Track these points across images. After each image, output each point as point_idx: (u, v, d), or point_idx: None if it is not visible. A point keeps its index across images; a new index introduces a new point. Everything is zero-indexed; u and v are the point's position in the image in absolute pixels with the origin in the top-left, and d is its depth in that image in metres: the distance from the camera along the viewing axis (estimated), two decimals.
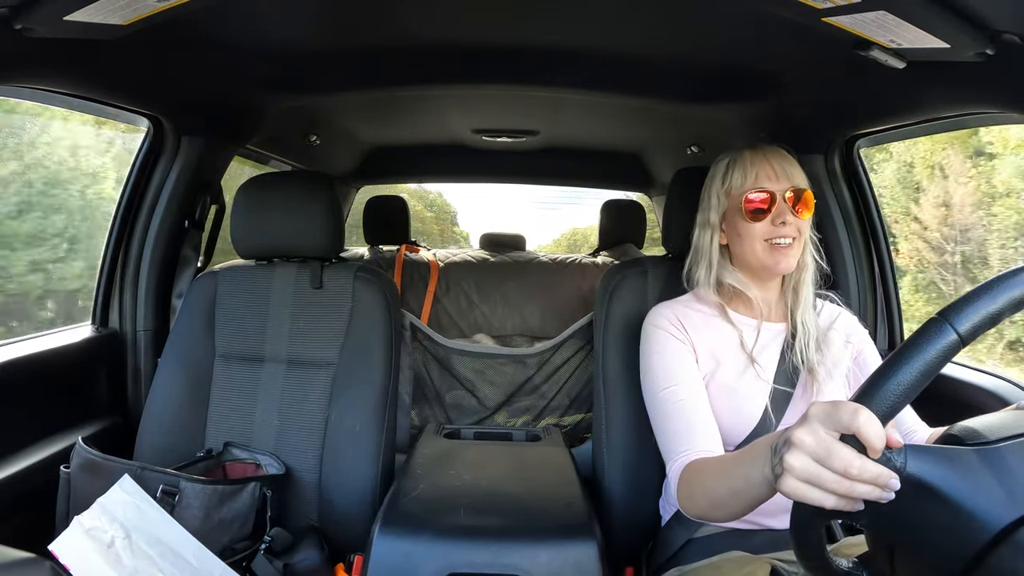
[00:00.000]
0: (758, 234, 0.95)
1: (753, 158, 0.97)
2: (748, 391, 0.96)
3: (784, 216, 0.94)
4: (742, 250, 0.98)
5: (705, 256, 1.02)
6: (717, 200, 1.00)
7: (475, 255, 2.20)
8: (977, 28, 0.73)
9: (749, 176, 0.96)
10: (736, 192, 0.97)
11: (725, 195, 0.99)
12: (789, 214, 0.94)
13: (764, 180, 0.95)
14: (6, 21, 0.77)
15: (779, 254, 0.94)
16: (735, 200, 0.97)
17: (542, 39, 1.22)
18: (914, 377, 0.51)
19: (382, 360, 1.24)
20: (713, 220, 1.01)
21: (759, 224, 0.95)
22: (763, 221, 0.94)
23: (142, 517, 0.91)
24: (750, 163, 0.97)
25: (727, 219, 1.00)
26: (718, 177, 1.01)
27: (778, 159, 0.96)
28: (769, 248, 0.95)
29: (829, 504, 0.51)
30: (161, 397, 1.24)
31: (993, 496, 0.49)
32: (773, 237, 0.94)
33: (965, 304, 0.51)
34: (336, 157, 2.35)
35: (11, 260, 1.98)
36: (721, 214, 1.00)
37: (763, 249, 0.95)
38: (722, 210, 1.00)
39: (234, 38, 1.14)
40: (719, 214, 1.00)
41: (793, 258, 0.95)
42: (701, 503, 0.80)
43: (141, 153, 1.41)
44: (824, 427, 0.52)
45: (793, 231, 0.94)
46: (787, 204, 0.94)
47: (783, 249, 0.94)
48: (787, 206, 0.94)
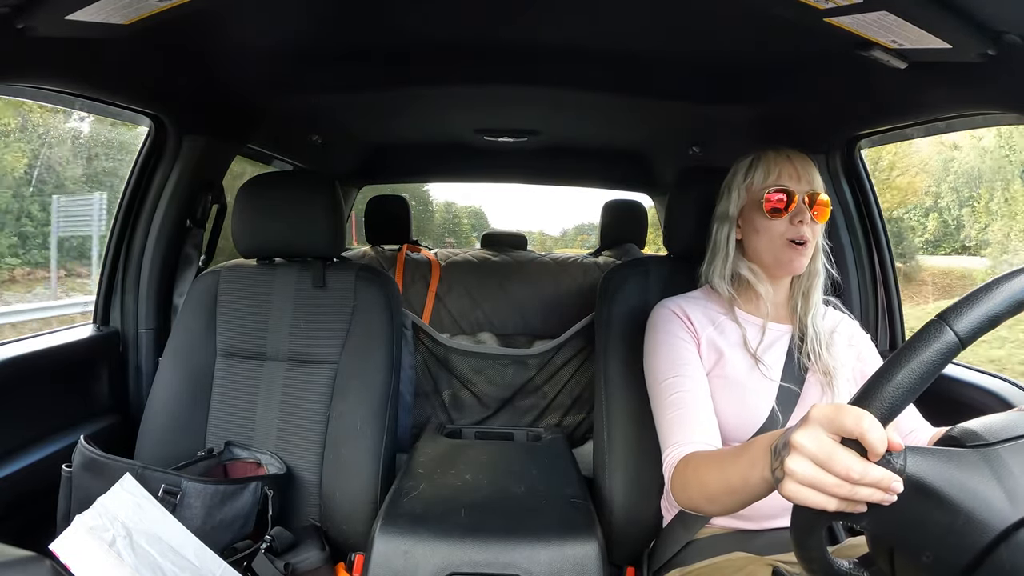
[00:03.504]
0: (776, 231, 0.97)
1: (776, 157, 0.99)
2: (755, 388, 0.96)
3: (802, 215, 0.95)
4: (758, 246, 0.99)
5: (722, 249, 1.04)
6: (737, 195, 1.02)
7: (476, 254, 2.20)
8: (979, 29, 0.73)
9: (772, 174, 0.98)
10: (757, 188, 0.99)
11: (746, 190, 1.01)
12: (807, 214, 0.95)
13: (785, 179, 0.97)
14: (8, 20, 0.77)
15: (794, 252, 0.96)
16: (755, 195, 0.99)
17: (544, 39, 1.22)
18: (913, 380, 0.51)
19: (384, 359, 1.24)
20: (732, 214, 1.02)
21: (778, 221, 0.96)
22: (781, 219, 0.96)
23: (143, 516, 0.91)
24: (773, 162, 0.98)
25: (745, 215, 1.01)
26: (740, 173, 1.02)
27: (800, 161, 0.98)
28: (785, 246, 0.96)
29: (831, 507, 0.51)
30: (162, 396, 1.24)
31: (993, 498, 0.49)
32: (792, 235, 0.96)
33: (964, 306, 0.51)
34: (338, 157, 2.35)
35: None
36: (739, 209, 1.02)
37: (780, 246, 0.97)
38: (741, 205, 1.02)
39: (236, 38, 1.14)
40: (738, 209, 1.02)
41: (806, 259, 0.97)
42: (695, 496, 0.81)
43: (143, 152, 1.41)
44: (826, 431, 0.52)
45: (808, 234, 0.96)
46: (805, 205, 0.96)
47: (798, 248, 0.96)
48: (805, 207, 0.96)
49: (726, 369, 0.97)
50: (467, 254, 2.19)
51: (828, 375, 0.97)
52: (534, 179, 2.74)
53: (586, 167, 2.45)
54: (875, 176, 1.40)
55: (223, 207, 1.60)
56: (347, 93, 1.53)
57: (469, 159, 2.37)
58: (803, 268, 0.97)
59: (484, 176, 2.71)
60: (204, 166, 1.47)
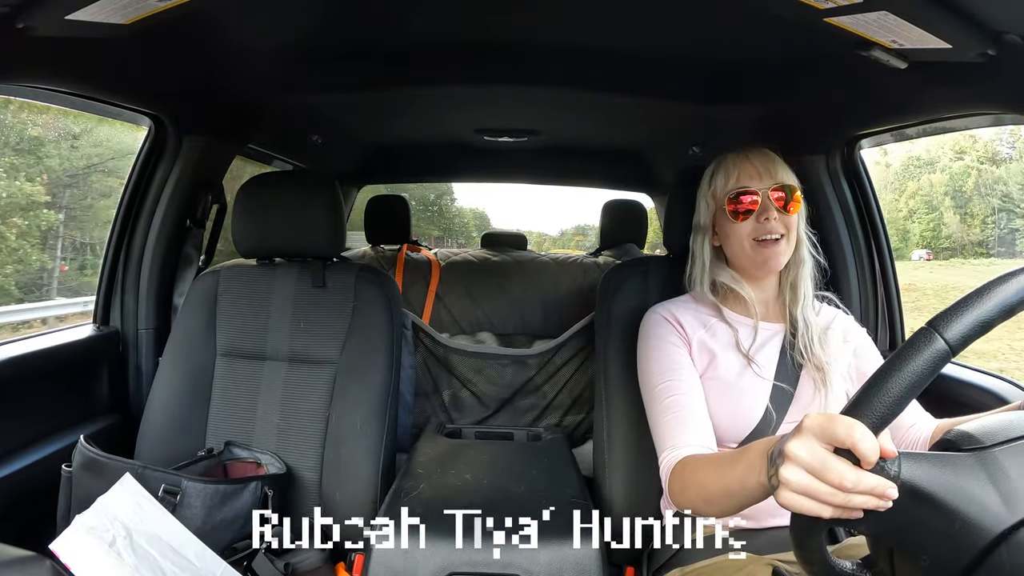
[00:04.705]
0: (744, 233, 0.97)
1: (735, 159, 0.99)
2: (748, 389, 0.96)
3: (768, 213, 0.95)
4: (732, 250, 1.00)
5: (699, 258, 1.05)
6: (706, 204, 1.03)
7: (476, 254, 2.20)
8: (979, 28, 0.73)
9: (731, 177, 0.98)
10: (720, 194, 1.00)
11: (712, 198, 1.02)
12: (773, 210, 0.95)
13: (746, 180, 0.97)
14: (8, 20, 0.77)
15: (767, 251, 0.96)
16: (720, 202, 1.00)
17: (544, 39, 1.22)
18: (904, 389, 0.51)
19: (384, 359, 1.24)
20: (704, 223, 1.04)
21: (744, 223, 0.97)
22: (748, 220, 0.97)
23: (143, 516, 0.91)
24: (732, 165, 0.99)
25: (717, 221, 1.02)
26: (705, 181, 1.03)
27: (760, 158, 0.98)
28: (757, 246, 0.97)
29: (827, 515, 0.52)
30: (162, 396, 1.24)
31: (989, 501, 0.49)
32: (760, 235, 0.96)
33: (954, 313, 0.51)
34: (338, 157, 2.35)
35: None
36: (711, 217, 1.03)
37: (751, 247, 0.97)
38: (711, 212, 1.02)
39: (235, 37, 1.14)
40: (709, 217, 1.03)
41: (782, 255, 0.97)
42: (693, 498, 0.81)
43: (143, 152, 1.41)
44: (819, 440, 0.52)
45: (780, 227, 0.96)
46: (771, 201, 0.96)
47: (770, 245, 0.96)
48: (771, 203, 0.95)
49: (719, 371, 0.97)
50: (467, 254, 2.19)
51: (821, 370, 0.96)
52: (534, 179, 2.74)
53: (586, 167, 2.45)
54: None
55: (223, 207, 1.60)
56: (347, 93, 1.53)
57: (469, 159, 2.36)
58: (781, 264, 0.97)
59: (484, 176, 2.71)
60: (204, 166, 1.46)
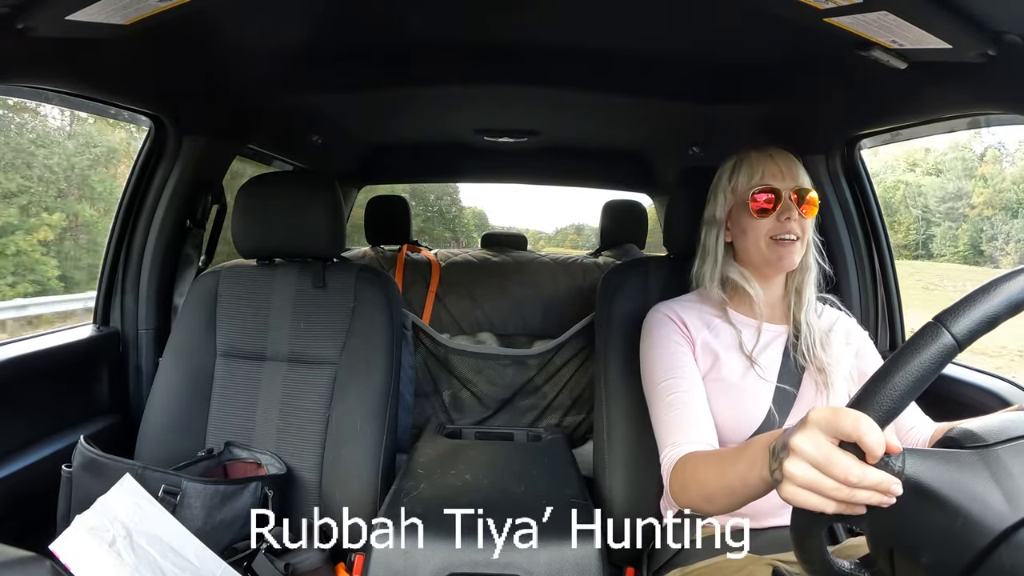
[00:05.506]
0: (763, 230, 0.97)
1: (759, 157, 0.99)
2: (751, 390, 0.96)
3: (789, 212, 0.96)
4: (747, 246, 1.00)
5: (711, 253, 1.04)
6: (724, 198, 1.02)
7: (476, 255, 2.20)
8: (979, 29, 0.73)
9: (756, 174, 0.98)
10: (742, 189, 0.99)
11: (731, 192, 1.01)
12: (794, 211, 0.96)
13: (769, 178, 0.97)
14: (8, 20, 0.77)
15: (783, 249, 0.96)
16: (741, 197, 0.99)
17: (544, 39, 1.22)
18: (910, 382, 0.51)
19: (384, 359, 1.24)
20: (719, 217, 1.03)
21: (764, 220, 0.97)
22: (768, 217, 0.97)
23: (143, 516, 0.91)
24: (757, 162, 0.99)
25: (732, 216, 1.02)
26: (724, 176, 1.03)
27: (784, 159, 0.99)
28: (774, 244, 0.97)
29: (830, 510, 0.52)
30: (162, 396, 1.24)
31: (992, 499, 0.49)
32: (778, 233, 0.96)
33: (961, 308, 0.51)
34: (338, 157, 2.35)
35: None
36: (727, 211, 1.02)
37: (767, 245, 0.97)
38: (728, 207, 1.02)
39: (235, 38, 1.14)
40: (725, 211, 1.02)
41: (796, 255, 0.97)
42: (694, 496, 0.81)
43: (143, 152, 1.41)
44: (824, 434, 0.52)
45: (797, 229, 0.96)
46: (792, 202, 0.96)
47: (787, 245, 0.96)
48: (792, 204, 0.96)
49: (722, 372, 0.97)
50: (467, 254, 2.19)
51: (823, 372, 0.97)
52: (534, 179, 2.74)
53: (586, 167, 2.45)
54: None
55: (223, 207, 1.60)
56: (347, 93, 1.53)
57: (469, 159, 2.36)
58: (795, 264, 0.98)
59: (484, 176, 2.71)
60: (204, 166, 1.46)
